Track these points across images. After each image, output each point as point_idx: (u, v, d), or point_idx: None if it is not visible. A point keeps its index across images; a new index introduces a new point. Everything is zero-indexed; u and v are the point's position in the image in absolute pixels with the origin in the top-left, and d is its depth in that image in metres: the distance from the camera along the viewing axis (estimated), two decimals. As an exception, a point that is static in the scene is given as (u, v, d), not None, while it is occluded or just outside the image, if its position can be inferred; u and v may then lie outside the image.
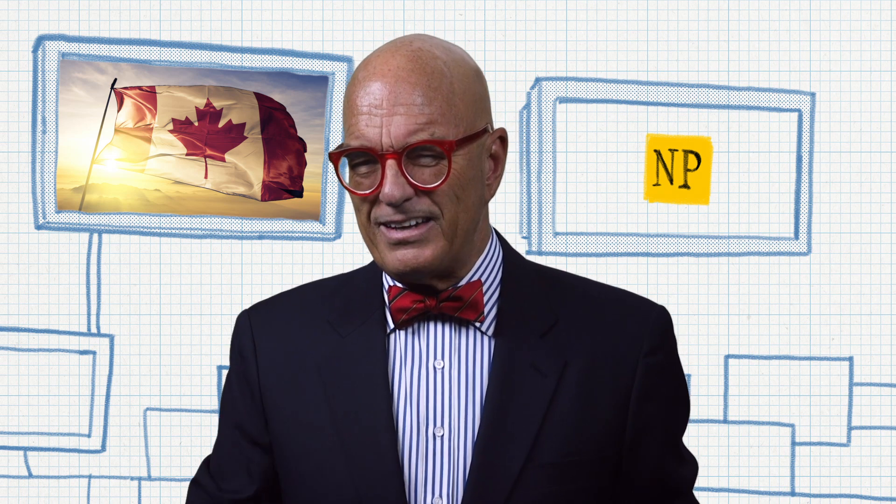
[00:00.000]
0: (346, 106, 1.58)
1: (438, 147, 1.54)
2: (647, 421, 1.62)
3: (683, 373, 1.70)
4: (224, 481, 1.71)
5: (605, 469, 1.60)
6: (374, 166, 1.55)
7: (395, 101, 1.54)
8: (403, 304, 1.59)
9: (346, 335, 1.63)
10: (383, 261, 1.57)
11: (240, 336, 1.69)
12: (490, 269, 1.63)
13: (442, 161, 1.54)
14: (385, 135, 1.53)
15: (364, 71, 1.58)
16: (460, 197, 1.56)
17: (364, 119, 1.54)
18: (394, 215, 1.54)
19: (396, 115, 1.54)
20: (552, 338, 1.60)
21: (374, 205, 1.55)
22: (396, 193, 1.52)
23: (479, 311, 1.59)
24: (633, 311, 1.65)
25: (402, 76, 1.55)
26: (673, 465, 1.67)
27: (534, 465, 1.57)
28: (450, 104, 1.56)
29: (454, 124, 1.56)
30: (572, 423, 1.58)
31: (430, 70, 1.56)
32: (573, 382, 1.59)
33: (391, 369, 1.61)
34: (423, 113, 1.54)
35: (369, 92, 1.55)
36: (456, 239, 1.57)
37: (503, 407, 1.57)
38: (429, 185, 1.54)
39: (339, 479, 1.59)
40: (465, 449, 1.58)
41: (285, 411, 1.64)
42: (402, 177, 1.53)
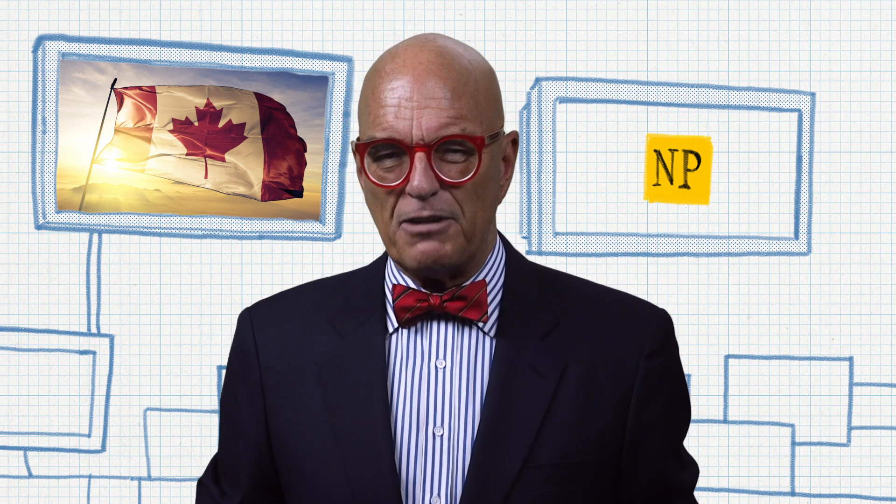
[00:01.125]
0: (369, 98, 1.56)
1: (470, 142, 1.54)
2: (648, 424, 1.62)
3: (684, 376, 1.69)
4: (225, 480, 1.71)
5: (604, 471, 1.60)
6: (399, 160, 1.54)
7: (427, 94, 1.53)
8: (407, 302, 1.59)
9: (346, 335, 1.62)
10: (402, 257, 1.56)
11: (241, 335, 1.69)
12: (494, 270, 1.63)
13: (470, 157, 1.54)
14: (416, 127, 1.52)
15: (391, 63, 1.56)
16: (480, 196, 1.56)
17: (393, 111, 1.53)
18: (421, 210, 1.53)
19: (428, 108, 1.53)
20: (553, 340, 1.60)
21: (399, 199, 1.54)
22: (426, 186, 1.51)
23: (483, 311, 1.59)
24: (634, 313, 1.65)
25: (433, 70, 1.54)
26: (673, 468, 1.66)
27: (532, 465, 1.56)
28: (476, 102, 1.56)
29: (479, 121, 1.56)
30: (572, 425, 1.58)
31: (457, 67, 1.56)
32: (573, 384, 1.59)
33: (392, 369, 1.60)
34: (454, 107, 1.54)
35: (399, 84, 1.54)
36: (474, 238, 1.57)
37: (503, 407, 1.57)
38: (457, 180, 1.54)
39: (337, 479, 1.59)
40: (465, 448, 1.57)
41: (285, 411, 1.63)
42: (431, 170, 1.52)
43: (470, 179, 1.54)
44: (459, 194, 1.54)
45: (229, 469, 1.71)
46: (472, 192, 1.55)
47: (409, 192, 1.53)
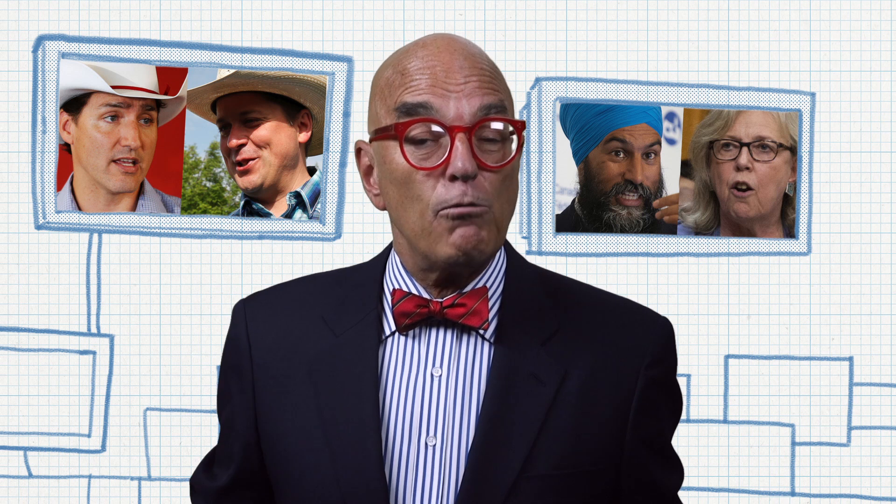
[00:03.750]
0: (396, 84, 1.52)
1: (511, 125, 1.51)
2: (645, 433, 1.60)
3: (678, 385, 1.67)
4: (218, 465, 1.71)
5: (601, 481, 1.58)
6: (436, 144, 1.50)
7: (467, 75, 1.50)
8: (406, 308, 1.56)
9: (339, 334, 1.60)
10: (436, 248, 1.52)
11: (235, 328, 1.68)
12: (494, 275, 1.60)
13: (503, 144, 1.51)
14: (455, 107, 1.49)
15: (422, 49, 1.53)
16: (508, 188, 1.53)
17: (428, 80, 1.50)
18: (463, 196, 1.48)
19: (470, 83, 1.50)
20: (553, 346, 1.57)
21: (437, 186, 1.50)
22: (469, 166, 1.48)
23: (484, 319, 1.56)
24: (636, 321, 1.62)
25: (470, 53, 1.52)
26: (662, 473, 1.64)
27: (528, 476, 1.53)
28: (507, 89, 1.55)
29: (511, 108, 1.55)
30: (570, 434, 1.55)
31: (485, 56, 1.55)
32: (572, 392, 1.56)
33: (386, 374, 1.58)
34: (493, 90, 1.51)
35: (435, 65, 1.50)
36: (503, 229, 1.54)
37: (499, 416, 1.54)
38: (495, 165, 1.50)
39: (326, 482, 1.57)
40: (458, 459, 1.54)
41: (275, 408, 1.62)
42: (472, 152, 1.49)
43: (507, 164, 1.51)
44: (494, 183, 1.51)
45: (223, 455, 1.70)
46: (503, 182, 1.52)
47: (451, 172, 1.48)
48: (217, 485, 1.69)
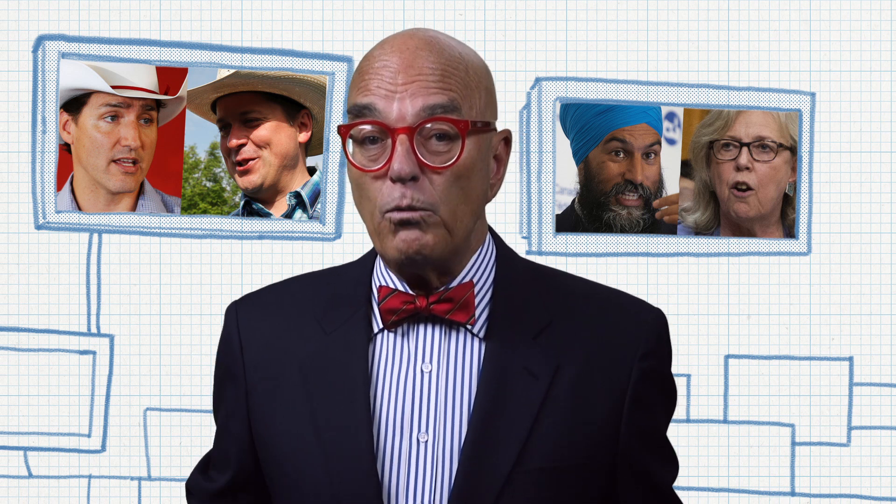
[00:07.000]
0: (355, 84, 1.53)
1: (454, 126, 1.50)
2: (639, 425, 1.59)
3: (672, 375, 1.66)
4: (214, 468, 1.71)
5: (597, 474, 1.57)
6: (383, 144, 1.50)
7: (413, 75, 1.49)
8: (393, 304, 1.56)
9: (330, 332, 1.59)
10: (385, 249, 1.53)
11: (227, 330, 1.68)
12: (482, 270, 1.59)
13: (453, 144, 1.50)
14: (398, 109, 1.49)
15: (379, 49, 1.53)
16: (463, 188, 1.51)
17: (376, 81, 1.50)
18: (401, 199, 1.49)
19: (414, 83, 1.49)
20: (545, 339, 1.57)
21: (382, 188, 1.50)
22: (406, 168, 1.47)
23: (471, 314, 1.55)
24: (629, 312, 1.61)
25: (422, 52, 1.51)
26: (657, 467, 1.64)
27: (522, 470, 1.53)
28: (466, 86, 1.52)
29: (468, 107, 1.52)
30: (564, 427, 1.54)
31: (447, 52, 1.52)
32: (565, 385, 1.55)
33: (376, 371, 1.57)
34: (441, 90, 1.50)
35: (384, 66, 1.50)
36: (456, 231, 1.52)
37: (492, 411, 1.53)
38: (438, 166, 1.49)
39: (318, 481, 1.56)
40: (451, 455, 1.54)
41: (268, 409, 1.62)
42: (413, 154, 1.48)
43: (451, 166, 1.49)
44: (440, 184, 1.50)
45: (219, 458, 1.70)
46: (454, 182, 1.51)
47: (389, 175, 1.49)
48: (214, 487, 1.69)
